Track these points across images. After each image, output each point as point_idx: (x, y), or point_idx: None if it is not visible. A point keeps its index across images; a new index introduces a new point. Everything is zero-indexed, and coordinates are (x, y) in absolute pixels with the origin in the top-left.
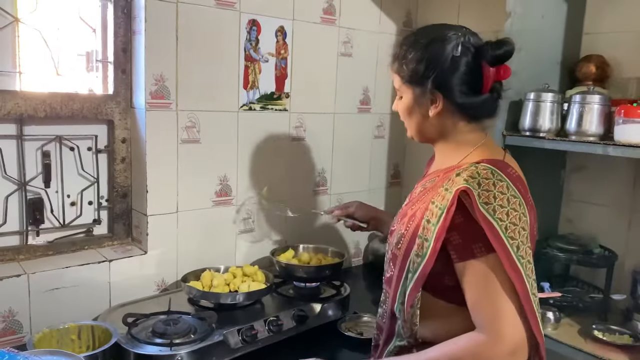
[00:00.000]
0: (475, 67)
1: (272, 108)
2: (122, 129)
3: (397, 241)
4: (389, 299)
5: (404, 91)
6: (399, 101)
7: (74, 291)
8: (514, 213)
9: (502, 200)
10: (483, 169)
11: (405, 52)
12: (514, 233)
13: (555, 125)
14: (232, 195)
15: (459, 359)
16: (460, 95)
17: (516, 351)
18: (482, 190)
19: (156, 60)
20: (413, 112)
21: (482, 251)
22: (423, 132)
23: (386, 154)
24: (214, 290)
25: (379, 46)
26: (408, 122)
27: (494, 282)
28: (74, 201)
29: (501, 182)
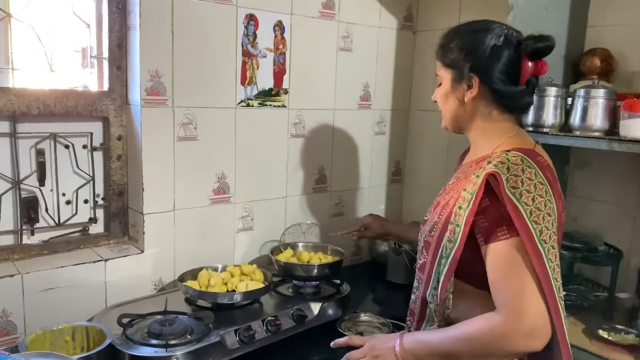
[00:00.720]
0: (514, 59)
1: (271, 104)
2: (117, 126)
3: (430, 229)
4: (422, 285)
5: (443, 76)
6: (438, 88)
7: (69, 291)
8: (539, 199)
9: (529, 186)
10: (513, 155)
11: (449, 40)
12: (538, 218)
13: (559, 120)
14: (230, 193)
15: (477, 338)
16: (497, 82)
17: (535, 330)
18: (510, 175)
19: (152, 55)
20: (449, 97)
21: (505, 234)
22: (457, 119)
23: (387, 150)
24: (211, 289)
25: (379, 41)
26: (444, 108)
27: (516, 263)
28: (69, 200)
29: (530, 168)
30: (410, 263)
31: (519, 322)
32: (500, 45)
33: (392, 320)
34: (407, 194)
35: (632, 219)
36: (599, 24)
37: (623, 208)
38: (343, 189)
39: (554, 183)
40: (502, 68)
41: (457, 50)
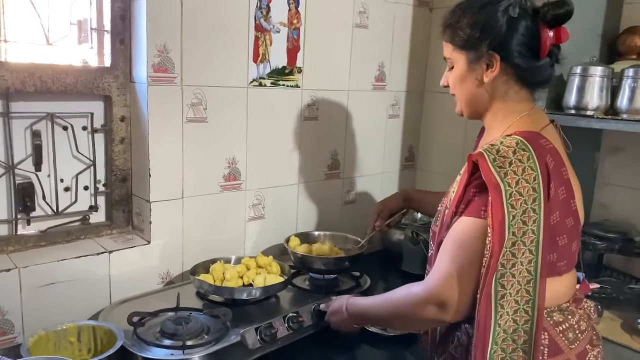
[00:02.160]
0: (533, 29)
1: (284, 84)
2: (120, 105)
3: (435, 218)
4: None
5: (456, 59)
6: (449, 72)
7: (70, 286)
8: (524, 184)
9: (516, 167)
10: (509, 139)
11: (458, 18)
12: (515, 203)
13: (605, 102)
14: (241, 180)
15: (396, 303)
16: (518, 57)
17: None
18: (499, 156)
19: (159, 29)
20: (465, 80)
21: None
22: (475, 103)
23: (401, 135)
24: (226, 284)
25: (395, 17)
26: (459, 92)
27: (458, 240)
28: (68, 186)
29: (523, 151)
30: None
31: (431, 292)
32: (516, 17)
33: None
34: (420, 181)
35: None
36: (635, 1)
37: None
38: (356, 175)
39: (557, 167)
40: (522, 40)
41: (470, 28)
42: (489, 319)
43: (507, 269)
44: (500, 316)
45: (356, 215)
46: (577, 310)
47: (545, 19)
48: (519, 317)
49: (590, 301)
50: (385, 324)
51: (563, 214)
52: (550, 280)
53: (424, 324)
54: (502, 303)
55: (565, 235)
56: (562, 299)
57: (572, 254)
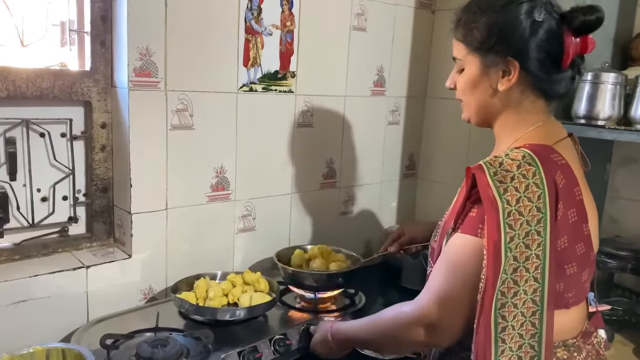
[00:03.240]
0: (557, 36)
1: (276, 89)
2: (101, 111)
3: (434, 233)
4: None
5: (469, 62)
6: (459, 75)
7: (44, 304)
8: (525, 202)
9: (519, 184)
10: (517, 152)
11: (474, 15)
12: (515, 223)
13: (617, 111)
14: (230, 190)
15: (384, 325)
16: (539, 65)
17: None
18: (501, 169)
19: (141, 30)
20: (478, 86)
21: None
22: (484, 111)
23: (401, 142)
24: (209, 303)
25: (395, 20)
26: (469, 98)
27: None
28: (45, 196)
29: (529, 166)
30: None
31: (421, 313)
32: (540, 21)
33: None
34: (421, 191)
35: None
36: None
37: None
38: (353, 184)
39: (568, 186)
40: (545, 47)
41: (487, 29)
42: (489, 355)
43: (509, 298)
44: (502, 352)
45: (353, 227)
46: (585, 345)
47: (572, 25)
48: (524, 354)
49: (601, 334)
50: (375, 348)
51: (573, 240)
52: (556, 313)
53: (414, 346)
54: (503, 337)
55: (574, 264)
56: (569, 334)
57: (582, 284)
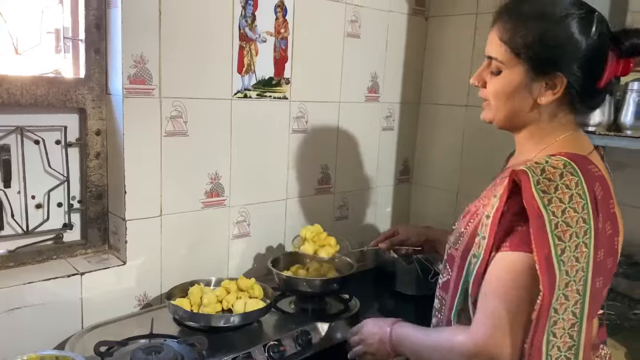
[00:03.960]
0: (603, 55)
1: (271, 96)
2: (96, 118)
3: (455, 241)
4: (446, 307)
5: (512, 67)
6: (494, 76)
7: (38, 311)
8: (572, 213)
9: (563, 194)
10: (555, 159)
11: (528, 22)
12: (563, 235)
13: (607, 117)
14: (225, 196)
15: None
16: (583, 83)
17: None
18: (543, 177)
19: (136, 38)
20: (516, 94)
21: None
22: (516, 118)
23: (395, 147)
24: (203, 310)
25: (389, 27)
26: (502, 103)
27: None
28: (39, 203)
29: (572, 175)
30: (424, 273)
31: (480, 348)
32: (594, 40)
33: None
34: (416, 196)
35: None
36: None
37: None
38: (348, 189)
39: (605, 199)
40: (591, 66)
41: (541, 40)
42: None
43: (560, 314)
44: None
45: (348, 232)
46: (595, 358)
47: (620, 46)
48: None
49: (607, 348)
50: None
51: (606, 253)
52: None
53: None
54: (551, 353)
55: (601, 278)
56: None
57: (602, 299)
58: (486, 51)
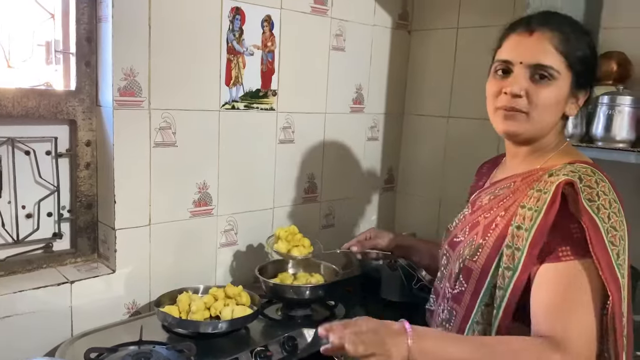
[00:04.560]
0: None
1: (258, 107)
2: (86, 130)
3: (471, 253)
4: (457, 318)
5: (563, 77)
6: (542, 87)
7: (28, 319)
8: (615, 217)
9: (604, 201)
10: (581, 167)
11: (579, 35)
12: (614, 239)
13: (580, 129)
14: (212, 205)
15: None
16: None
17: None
18: (584, 185)
19: (126, 51)
20: (559, 106)
21: (567, 255)
22: (545, 131)
23: (380, 157)
24: (192, 316)
25: (373, 40)
26: (546, 114)
27: (577, 290)
28: (30, 213)
29: (603, 182)
30: (408, 280)
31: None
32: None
33: None
34: (400, 204)
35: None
36: (612, 26)
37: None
38: (334, 198)
39: (622, 204)
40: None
41: (589, 53)
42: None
43: (625, 317)
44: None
45: (335, 240)
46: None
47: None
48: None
49: None
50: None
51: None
52: None
53: None
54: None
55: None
56: None
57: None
58: (529, 58)
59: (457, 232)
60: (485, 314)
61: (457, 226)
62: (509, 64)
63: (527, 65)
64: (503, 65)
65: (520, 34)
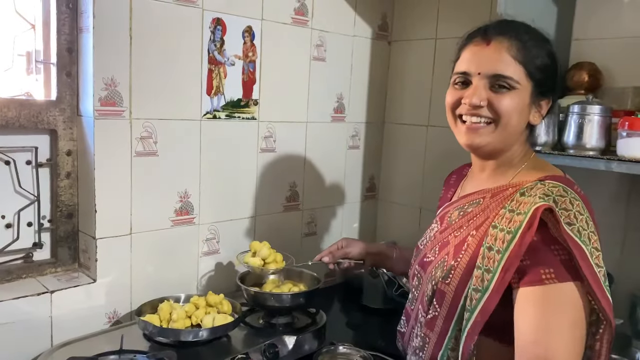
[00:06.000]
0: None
1: (239, 116)
2: (67, 139)
3: (444, 275)
4: (430, 345)
5: (524, 87)
6: (503, 95)
7: (7, 329)
8: (594, 237)
9: (582, 222)
10: (552, 186)
11: (539, 44)
12: (598, 260)
13: (552, 137)
14: (194, 214)
15: None
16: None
17: None
18: (560, 209)
19: (107, 62)
20: (522, 114)
21: (551, 277)
22: (509, 141)
23: (361, 165)
24: (173, 325)
25: (353, 51)
26: (509, 123)
27: (562, 313)
28: (9, 223)
29: (576, 200)
30: (389, 287)
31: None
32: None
33: (373, 352)
34: (382, 211)
35: (619, 241)
36: (583, 37)
37: (609, 230)
38: (316, 206)
39: (593, 217)
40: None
41: (546, 61)
42: None
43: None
44: None
45: (317, 248)
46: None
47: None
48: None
49: None
50: None
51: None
52: None
53: None
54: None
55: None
56: None
57: None
58: (487, 69)
59: (427, 252)
60: (459, 339)
61: (427, 245)
62: (468, 75)
63: (485, 76)
64: (462, 78)
65: (477, 44)
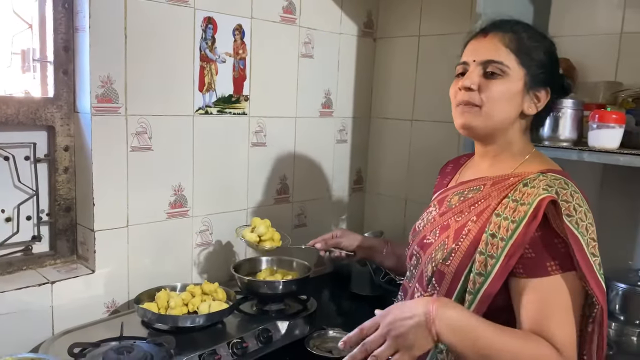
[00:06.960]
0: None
1: (230, 112)
2: (64, 135)
3: (444, 257)
4: None
5: (515, 74)
6: (493, 81)
7: (10, 319)
8: (591, 228)
9: (581, 214)
10: (554, 179)
11: (534, 37)
12: (594, 250)
13: None
14: (188, 206)
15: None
16: (555, 99)
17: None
18: (561, 200)
19: (102, 60)
20: (512, 101)
21: (556, 269)
22: (501, 126)
23: (349, 159)
24: (170, 312)
25: (340, 48)
26: (497, 108)
27: (566, 301)
28: (9, 217)
29: (576, 193)
30: (376, 274)
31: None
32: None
33: None
34: (369, 203)
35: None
36: (558, 34)
37: None
38: (305, 199)
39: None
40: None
41: (542, 53)
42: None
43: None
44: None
45: (307, 239)
46: None
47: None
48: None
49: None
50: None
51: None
52: None
53: None
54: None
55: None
56: None
57: None
58: (482, 56)
59: (427, 234)
60: None
61: (425, 226)
62: (466, 64)
63: (479, 62)
64: (461, 68)
65: (477, 38)
